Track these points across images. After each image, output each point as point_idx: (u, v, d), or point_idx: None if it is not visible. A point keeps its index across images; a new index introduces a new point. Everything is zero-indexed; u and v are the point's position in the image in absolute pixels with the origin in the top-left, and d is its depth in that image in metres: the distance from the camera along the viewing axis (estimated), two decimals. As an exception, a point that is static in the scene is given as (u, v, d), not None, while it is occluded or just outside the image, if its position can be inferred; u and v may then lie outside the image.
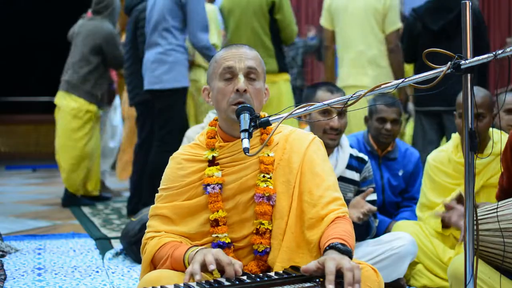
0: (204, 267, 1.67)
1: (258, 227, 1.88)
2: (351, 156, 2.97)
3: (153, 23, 4.42)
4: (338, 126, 2.86)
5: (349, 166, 2.95)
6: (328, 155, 2.90)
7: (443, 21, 4.22)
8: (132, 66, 4.93)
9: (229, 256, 1.71)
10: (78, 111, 5.43)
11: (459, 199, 2.90)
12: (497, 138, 2.94)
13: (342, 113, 2.88)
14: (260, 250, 1.88)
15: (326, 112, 2.83)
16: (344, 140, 2.99)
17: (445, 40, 4.19)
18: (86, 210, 5.23)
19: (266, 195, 1.87)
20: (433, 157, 3.17)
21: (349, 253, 1.64)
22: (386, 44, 4.55)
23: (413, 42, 4.38)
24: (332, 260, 1.55)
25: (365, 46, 4.52)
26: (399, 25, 4.55)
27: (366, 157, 3.02)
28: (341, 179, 2.90)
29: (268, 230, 1.88)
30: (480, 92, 2.95)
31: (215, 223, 1.89)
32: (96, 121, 5.61)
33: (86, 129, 5.49)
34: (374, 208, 2.79)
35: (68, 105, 5.46)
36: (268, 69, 4.46)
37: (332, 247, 1.66)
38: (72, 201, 5.49)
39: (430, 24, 4.26)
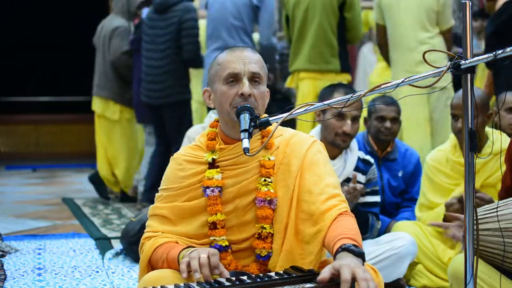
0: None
1: (260, 231, 1.87)
2: (358, 158, 2.98)
3: (227, 26, 4.37)
4: (350, 131, 2.87)
5: (356, 168, 2.97)
6: (337, 156, 2.93)
7: (496, 21, 4.22)
8: (169, 65, 4.79)
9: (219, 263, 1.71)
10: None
11: (461, 200, 2.90)
12: (495, 138, 2.94)
13: (355, 118, 2.89)
14: (263, 255, 1.87)
15: (340, 116, 2.83)
16: (353, 143, 3.00)
17: (499, 39, 4.13)
18: (86, 210, 5.22)
19: (268, 199, 1.86)
20: (431, 157, 3.17)
21: (362, 255, 1.62)
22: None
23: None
24: (347, 268, 1.52)
25: (416, 43, 4.34)
26: (452, 22, 4.43)
27: (372, 160, 3.04)
28: (348, 180, 2.92)
29: (270, 234, 1.87)
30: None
31: (213, 226, 1.88)
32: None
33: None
34: (361, 186, 2.84)
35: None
36: (330, 68, 4.40)
37: (345, 249, 1.63)
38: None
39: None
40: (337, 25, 4.42)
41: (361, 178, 2.97)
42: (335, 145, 2.88)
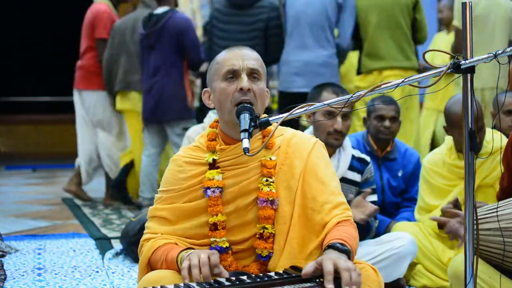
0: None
1: (261, 231, 1.87)
2: (352, 157, 2.98)
3: (311, 23, 4.29)
4: (342, 129, 2.87)
5: (351, 167, 2.96)
6: (330, 156, 2.92)
7: None
8: None
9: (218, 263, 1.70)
10: None
11: (456, 204, 2.90)
12: (490, 138, 2.95)
13: (346, 115, 2.89)
14: (264, 255, 1.87)
15: (330, 114, 2.83)
16: (346, 141, 3.00)
17: None
18: (86, 210, 5.22)
19: (270, 199, 1.86)
20: (428, 160, 3.19)
21: (347, 253, 1.64)
22: None
23: None
24: (329, 260, 1.56)
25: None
26: None
27: (368, 158, 3.03)
28: (343, 180, 2.91)
29: (272, 235, 1.87)
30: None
31: (214, 227, 1.88)
32: None
33: None
34: (377, 208, 2.80)
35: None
36: (412, 65, 4.48)
37: (330, 246, 1.66)
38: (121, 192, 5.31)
39: None
40: (411, 25, 4.53)
41: (357, 177, 2.97)
42: (329, 145, 2.88)
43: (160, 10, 5.00)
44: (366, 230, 2.91)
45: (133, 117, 5.30)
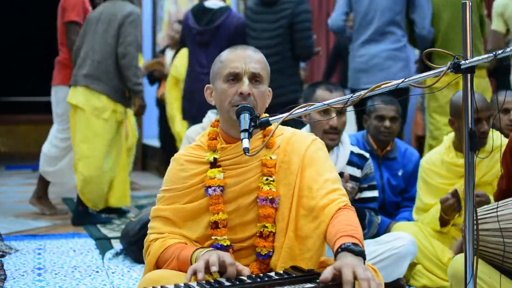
0: (207, 267, 1.68)
1: (261, 230, 1.87)
2: (352, 153, 2.98)
3: (379, 17, 4.20)
4: (337, 125, 2.87)
5: (350, 163, 2.96)
6: (329, 151, 2.92)
7: None
8: (280, 63, 4.34)
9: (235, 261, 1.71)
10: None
11: (454, 194, 2.89)
12: (489, 137, 2.96)
13: (340, 112, 2.88)
14: (264, 254, 1.87)
15: (324, 111, 2.83)
16: (345, 137, 3.00)
17: None
18: (86, 210, 5.21)
19: (270, 198, 1.87)
20: (426, 159, 3.20)
21: (362, 254, 1.62)
22: None
23: None
24: (349, 267, 1.52)
25: None
26: None
27: (367, 154, 3.03)
28: (341, 175, 2.91)
29: (272, 233, 1.87)
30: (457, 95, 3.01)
31: (215, 225, 1.89)
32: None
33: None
34: (350, 185, 2.82)
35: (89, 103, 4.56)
36: (483, 65, 4.32)
37: (344, 248, 1.62)
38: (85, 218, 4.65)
39: None
40: (479, 22, 4.47)
41: (357, 172, 2.97)
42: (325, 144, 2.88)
43: (213, 4, 4.77)
44: (363, 223, 2.90)
45: (76, 113, 4.60)
